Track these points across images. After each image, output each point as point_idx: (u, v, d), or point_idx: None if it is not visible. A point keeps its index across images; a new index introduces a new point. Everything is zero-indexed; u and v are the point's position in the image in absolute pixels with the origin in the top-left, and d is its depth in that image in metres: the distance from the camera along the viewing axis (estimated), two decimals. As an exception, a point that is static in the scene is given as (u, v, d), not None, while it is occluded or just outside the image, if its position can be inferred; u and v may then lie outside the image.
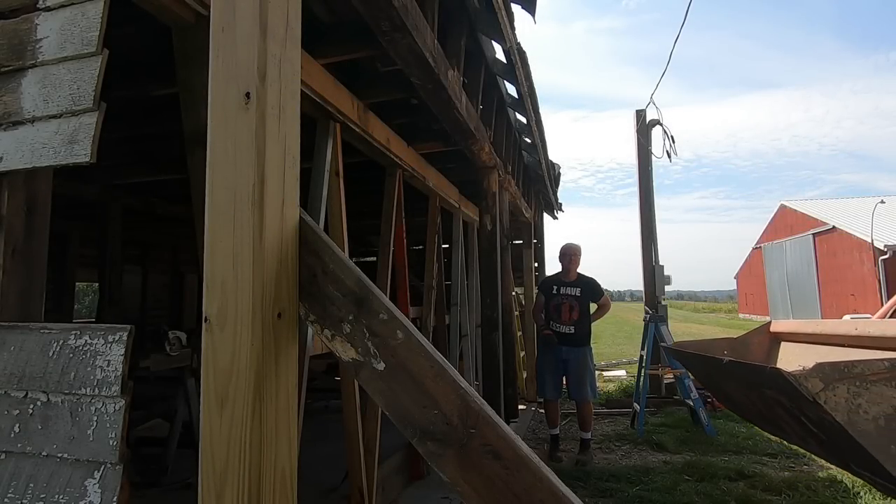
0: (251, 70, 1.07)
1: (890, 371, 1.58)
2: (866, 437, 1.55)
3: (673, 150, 7.28)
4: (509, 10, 3.36)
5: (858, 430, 1.55)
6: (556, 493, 0.97)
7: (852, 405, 1.55)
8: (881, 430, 1.54)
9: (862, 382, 1.57)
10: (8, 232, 1.23)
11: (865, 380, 1.58)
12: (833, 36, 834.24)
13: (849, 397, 1.56)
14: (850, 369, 1.59)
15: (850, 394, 1.56)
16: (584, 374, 4.95)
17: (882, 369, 1.58)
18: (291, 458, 1.07)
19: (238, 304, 1.02)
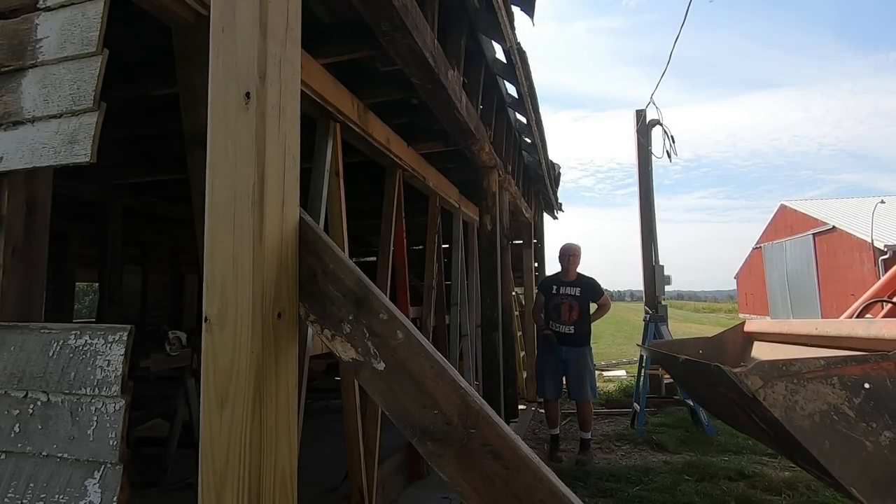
0: (251, 70, 1.07)
1: (825, 369, 1.64)
2: (802, 432, 1.61)
3: (673, 150, 7.28)
4: (509, 11, 3.36)
5: (795, 426, 1.62)
6: (556, 492, 0.97)
7: (790, 402, 1.62)
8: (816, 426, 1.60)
9: (799, 380, 1.64)
10: (8, 232, 1.23)
11: (802, 378, 1.64)
12: (833, 36, 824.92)
13: (786, 394, 1.62)
14: (788, 367, 1.65)
15: (788, 391, 1.63)
16: (584, 375, 4.95)
17: (818, 368, 1.65)
18: (291, 458, 1.07)
19: (238, 304, 1.02)
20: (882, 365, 1.64)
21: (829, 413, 1.62)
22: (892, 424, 1.60)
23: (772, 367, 1.65)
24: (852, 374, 1.64)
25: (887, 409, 1.61)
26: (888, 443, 1.59)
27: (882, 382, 1.63)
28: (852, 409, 1.62)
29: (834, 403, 1.62)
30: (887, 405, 1.62)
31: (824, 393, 1.63)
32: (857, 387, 1.63)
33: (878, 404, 1.62)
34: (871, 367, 1.65)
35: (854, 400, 1.63)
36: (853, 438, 1.59)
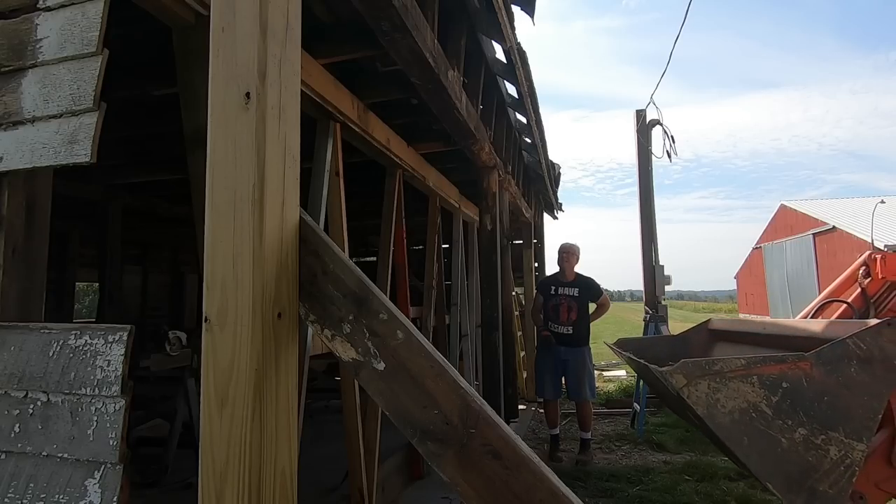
0: (251, 70, 1.07)
1: (746, 368, 1.71)
2: (722, 429, 1.68)
3: (673, 150, 7.28)
4: (509, 11, 3.36)
5: (716, 423, 1.68)
6: (555, 492, 0.97)
7: (711, 400, 1.68)
8: (735, 423, 1.67)
9: (721, 379, 1.70)
10: (8, 232, 1.23)
11: (724, 376, 1.70)
12: (833, 36, 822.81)
13: (709, 392, 1.69)
14: (711, 366, 1.72)
15: (710, 389, 1.69)
16: (583, 375, 4.94)
17: (739, 367, 1.72)
18: (291, 458, 1.07)
19: (238, 304, 1.02)
20: (799, 365, 1.71)
21: (748, 411, 1.68)
22: (806, 422, 1.67)
23: (695, 367, 1.72)
24: (771, 374, 1.71)
25: (802, 408, 1.68)
26: (802, 439, 1.66)
27: (798, 382, 1.70)
28: (770, 407, 1.69)
29: (753, 402, 1.69)
30: (802, 403, 1.69)
31: (744, 391, 1.69)
32: (775, 386, 1.70)
33: (794, 402, 1.69)
34: (788, 367, 1.72)
35: (772, 398, 1.70)
36: (770, 435, 1.66)
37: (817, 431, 1.67)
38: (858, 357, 1.73)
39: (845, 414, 1.69)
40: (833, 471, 1.63)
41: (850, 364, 1.73)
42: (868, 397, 1.70)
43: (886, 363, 1.73)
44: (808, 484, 1.63)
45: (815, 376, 1.72)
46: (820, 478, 1.63)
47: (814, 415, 1.68)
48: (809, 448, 1.66)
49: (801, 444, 1.66)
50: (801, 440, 1.67)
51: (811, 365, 1.73)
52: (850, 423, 1.68)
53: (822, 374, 1.72)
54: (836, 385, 1.72)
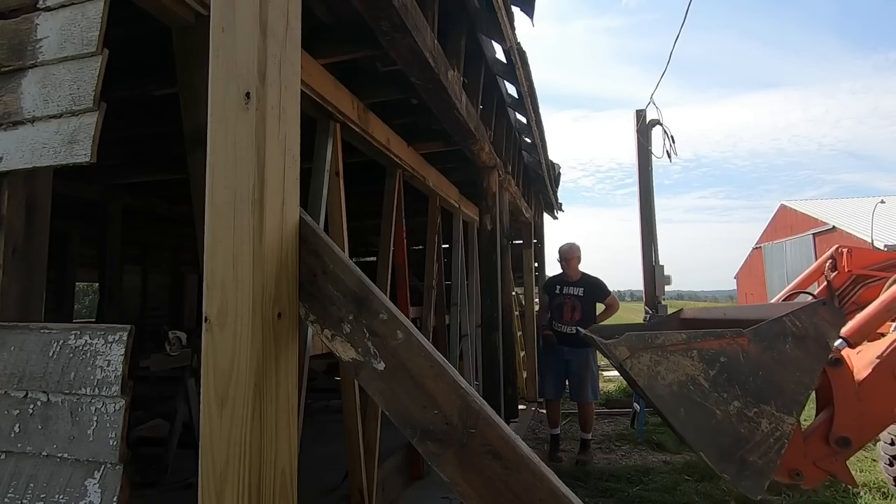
0: (251, 70, 1.07)
1: (686, 343, 1.78)
2: (661, 400, 1.74)
3: (673, 150, 7.27)
4: (509, 11, 3.36)
5: (655, 394, 1.75)
6: (555, 492, 0.97)
7: (653, 372, 1.74)
8: (674, 395, 1.73)
9: (662, 352, 1.76)
10: (8, 232, 1.23)
11: (666, 350, 1.76)
12: (833, 35, 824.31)
13: (651, 365, 1.75)
14: (653, 340, 1.79)
15: (652, 362, 1.75)
16: (586, 376, 4.92)
17: (680, 341, 1.79)
18: (291, 458, 1.07)
19: (238, 304, 1.02)
20: (737, 340, 1.78)
21: (686, 383, 1.74)
22: (740, 395, 1.73)
23: (638, 340, 1.79)
24: (710, 349, 1.78)
25: (738, 382, 1.75)
26: (736, 412, 1.72)
27: (736, 356, 1.77)
28: (707, 380, 1.75)
29: (692, 374, 1.75)
30: (738, 378, 1.75)
31: (684, 365, 1.75)
32: (713, 360, 1.76)
33: (730, 376, 1.75)
34: (727, 343, 1.78)
35: (710, 372, 1.76)
36: (705, 407, 1.72)
37: (751, 404, 1.73)
38: (794, 334, 1.80)
39: (778, 388, 1.76)
40: (763, 442, 1.70)
41: (785, 341, 1.80)
42: (800, 373, 1.78)
43: (819, 341, 1.80)
44: (740, 454, 1.69)
45: (752, 352, 1.78)
46: (751, 449, 1.69)
47: (748, 388, 1.75)
48: (742, 420, 1.72)
49: (734, 416, 1.72)
50: (735, 412, 1.73)
51: (748, 341, 1.79)
52: (782, 397, 1.75)
53: (758, 350, 1.78)
54: (771, 361, 1.78)
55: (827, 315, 1.84)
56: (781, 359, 1.78)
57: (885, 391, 2.03)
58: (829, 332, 1.83)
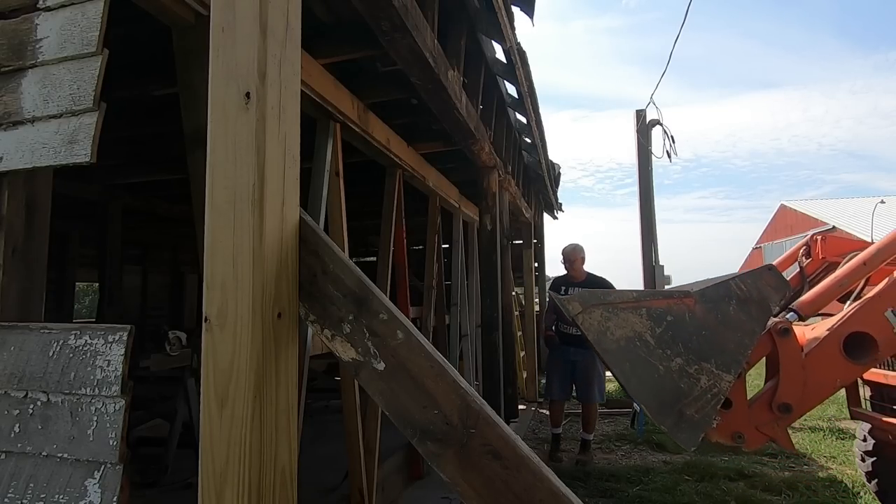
0: (251, 70, 1.07)
1: (636, 301, 1.87)
2: (608, 354, 1.83)
3: (673, 150, 7.27)
4: (509, 11, 3.36)
5: (603, 348, 1.83)
6: (555, 492, 0.97)
7: (602, 327, 1.82)
8: (621, 350, 1.82)
9: (613, 309, 1.84)
10: (8, 232, 1.23)
11: (616, 307, 1.85)
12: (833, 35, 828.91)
13: (601, 320, 1.83)
14: (605, 297, 1.89)
15: (603, 318, 1.83)
16: (592, 376, 4.88)
17: (630, 299, 1.88)
18: (291, 458, 1.07)
19: (238, 304, 1.02)
20: (684, 300, 1.87)
21: (633, 339, 1.83)
22: (683, 353, 1.82)
23: (591, 296, 1.89)
24: (658, 307, 1.86)
25: (682, 340, 1.83)
26: (677, 368, 1.81)
27: (682, 316, 1.85)
28: (653, 337, 1.83)
29: (639, 331, 1.84)
30: (682, 336, 1.84)
31: (632, 322, 1.84)
32: (660, 318, 1.85)
33: (675, 335, 1.84)
34: (674, 302, 1.87)
35: (656, 329, 1.84)
36: (650, 362, 1.81)
37: (692, 362, 1.81)
38: (738, 297, 1.89)
39: (719, 348, 1.84)
40: (701, 398, 1.80)
41: (729, 303, 1.88)
42: (742, 334, 1.86)
43: (762, 304, 1.89)
44: (678, 408, 1.79)
45: (697, 312, 1.87)
46: (689, 403, 1.80)
47: (691, 347, 1.83)
48: (683, 376, 1.81)
49: (676, 372, 1.81)
50: (677, 369, 1.82)
51: (695, 302, 1.88)
52: (723, 356, 1.83)
53: (703, 310, 1.87)
54: (714, 321, 1.87)
55: (771, 280, 1.93)
56: (725, 320, 1.86)
57: (830, 363, 2.12)
58: (771, 297, 1.91)
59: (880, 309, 2.14)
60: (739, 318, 1.87)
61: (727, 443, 2.11)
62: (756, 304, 1.89)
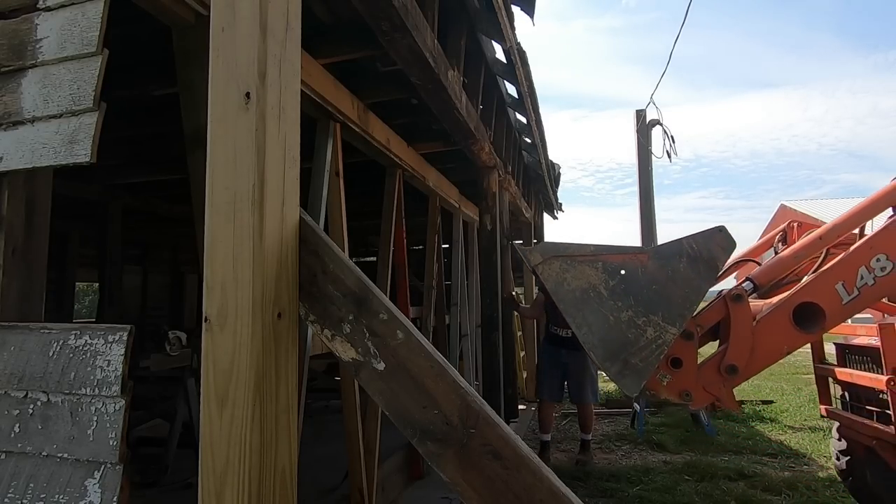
0: (251, 70, 1.07)
1: (593, 255, 1.97)
2: (564, 302, 1.93)
3: (673, 150, 7.29)
4: (509, 11, 3.36)
5: (559, 297, 1.93)
6: (555, 492, 0.97)
7: (560, 277, 1.93)
8: (576, 299, 1.92)
9: (571, 261, 1.94)
10: (8, 232, 1.23)
11: (574, 259, 1.95)
12: (833, 35, 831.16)
13: (559, 271, 1.93)
14: (565, 249, 1.97)
15: (561, 269, 1.94)
16: (584, 378, 4.86)
17: (588, 252, 1.98)
18: (291, 458, 1.07)
19: (238, 304, 1.02)
20: (638, 256, 1.99)
21: (588, 290, 1.93)
22: (633, 305, 1.92)
23: (551, 248, 1.98)
24: (613, 262, 1.97)
25: (633, 293, 1.93)
26: (627, 319, 1.90)
27: (635, 271, 1.96)
28: (607, 289, 1.94)
29: (594, 283, 1.94)
30: (634, 289, 1.94)
31: (588, 274, 1.94)
32: (614, 272, 1.95)
33: (627, 288, 1.94)
34: (629, 258, 1.98)
35: (610, 282, 1.94)
36: (602, 313, 1.91)
37: (640, 314, 1.91)
38: (689, 255, 1.99)
39: (667, 302, 1.94)
40: (646, 347, 1.90)
41: (680, 260, 1.99)
42: (689, 290, 1.97)
43: (710, 263, 2.00)
44: (623, 356, 1.88)
45: (650, 267, 1.97)
46: (634, 352, 1.89)
47: (641, 300, 1.93)
48: (631, 327, 1.91)
49: (625, 323, 1.91)
50: (626, 320, 1.91)
51: (648, 257, 1.99)
52: (669, 309, 1.93)
53: (655, 266, 1.98)
54: (664, 277, 1.97)
55: (721, 241, 2.04)
56: (674, 276, 1.97)
57: (779, 330, 2.21)
58: (720, 256, 2.03)
59: (832, 281, 2.22)
60: (688, 275, 1.97)
61: (675, 400, 2.20)
62: (705, 262, 2.00)
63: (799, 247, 2.47)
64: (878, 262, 2.21)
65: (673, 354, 2.12)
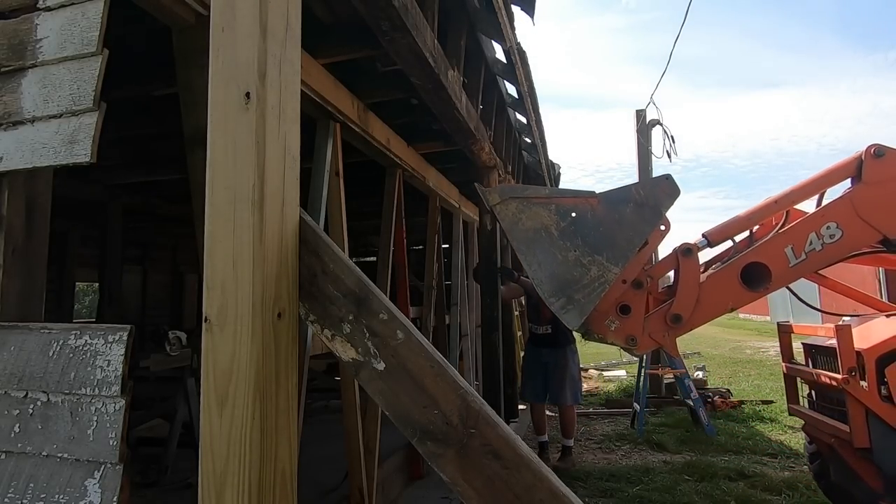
0: (251, 70, 1.07)
1: (547, 198, 2.08)
2: (518, 241, 2.03)
3: (673, 150, 7.29)
4: (509, 11, 3.36)
5: (514, 235, 2.03)
6: (555, 492, 0.97)
7: (516, 218, 2.02)
8: (529, 239, 2.02)
9: (527, 203, 2.04)
10: (8, 232, 1.23)
11: (530, 201, 2.04)
12: (833, 34, 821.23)
13: (515, 212, 2.02)
14: (522, 192, 2.08)
15: (517, 210, 2.02)
16: (564, 378, 4.76)
17: (543, 195, 2.10)
18: (291, 458, 1.07)
19: (238, 304, 1.02)
20: (589, 200, 2.09)
21: (540, 230, 2.03)
22: (580, 245, 2.03)
23: (510, 190, 2.10)
24: (566, 204, 2.07)
25: (582, 235, 2.04)
26: (573, 259, 2.01)
27: (585, 214, 2.07)
28: (557, 230, 2.04)
29: (546, 224, 2.03)
30: (582, 231, 2.05)
31: (542, 215, 2.04)
32: (566, 214, 2.06)
33: (576, 229, 2.05)
34: (580, 201, 2.09)
35: (561, 223, 2.04)
36: (551, 252, 2.01)
37: (587, 254, 2.02)
38: (636, 201, 2.11)
39: (612, 244, 2.05)
40: (589, 285, 2.00)
41: (627, 205, 2.10)
42: (633, 233, 2.08)
43: (655, 208, 2.12)
44: (568, 292, 1.98)
45: (599, 211, 2.07)
46: (578, 289, 1.99)
47: (588, 241, 2.03)
48: (577, 266, 2.01)
49: (572, 262, 2.01)
50: (573, 259, 2.02)
51: (598, 202, 2.09)
52: (613, 251, 2.04)
53: (604, 210, 2.08)
54: (611, 220, 2.07)
55: (666, 188, 2.16)
56: (621, 220, 2.08)
57: (726, 286, 2.33)
58: (664, 202, 2.14)
59: (782, 245, 2.34)
60: (634, 219, 2.09)
61: (621, 344, 2.29)
62: (650, 208, 2.12)
63: (755, 208, 2.56)
64: (828, 230, 2.33)
65: (622, 301, 2.23)
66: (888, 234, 2.31)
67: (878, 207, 2.32)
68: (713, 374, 9.51)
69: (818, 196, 2.53)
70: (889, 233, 2.31)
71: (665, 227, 2.26)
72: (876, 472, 2.86)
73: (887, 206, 2.32)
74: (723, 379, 9.24)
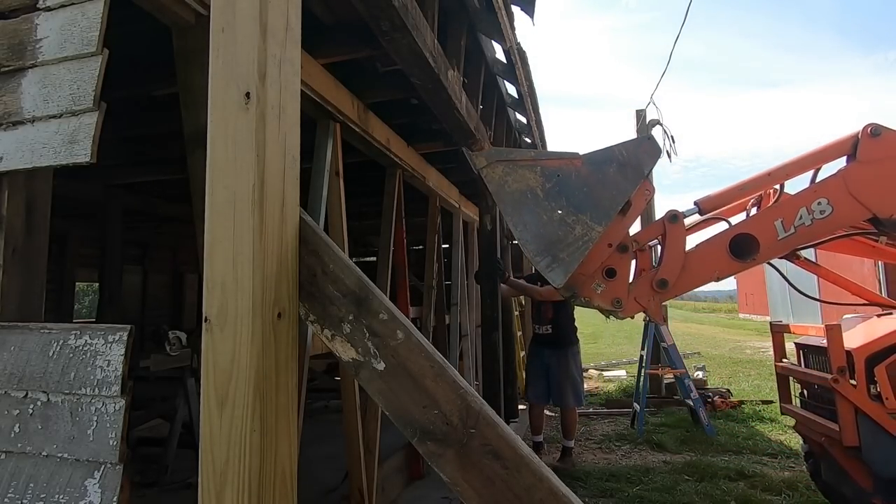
0: (251, 70, 1.07)
1: (533, 160, 2.12)
2: (504, 203, 2.07)
3: (673, 150, 7.29)
4: (509, 11, 3.36)
5: (500, 198, 2.07)
6: (556, 492, 0.97)
7: (503, 180, 2.07)
8: (515, 200, 2.07)
9: (514, 166, 2.08)
10: (8, 232, 1.23)
11: (516, 164, 2.09)
12: (833, 34, 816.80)
13: (502, 175, 2.07)
14: (508, 155, 2.12)
15: (504, 172, 2.07)
16: (565, 379, 4.75)
17: (529, 158, 2.14)
18: (291, 458, 1.07)
19: (238, 304, 1.02)
20: (573, 161, 2.13)
21: (526, 193, 2.07)
22: (565, 206, 2.07)
23: (496, 153, 2.14)
24: (551, 166, 2.11)
25: (566, 195, 2.08)
26: (559, 218, 2.06)
27: (569, 175, 2.11)
28: (543, 191, 2.08)
29: (532, 186, 2.08)
30: (567, 191, 2.09)
31: (528, 177, 2.08)
32: (551, 176, 2.09)
33: (560, 190, 2.09)
34: (565, 163, 2.13)
35: (546, 185, 2.08)
36: (537, 212, 2.06)
37: (571, 213, 2.06)
38: (619, 161, 2.15)
39: (595, 203, 2.09)
40: (574, 244, 2.04)
41: (610, 165, 2.15)
42: (615, 192, 2.12)
43: (637, 168, 2.17)
44: (553, 252, 2.03)
45: (583, 172, 2.12)
46: (562, 248, 2.04)
47: (572, 201, 2.08)
48: (562, 225, 2.06)
49: (556, 221, 2.06)
50: (558, 219, 2.06)
51: (582, 163, 2.14)
52: (597, 210, 2.08)
53: (588, 171, 2.12)
54: (595, 181, 2.12)
55: (648, 148, 2.22)
56: (604, 180, 2.13)
57: (714, 254, 2.38)
58: (646, 162, 2.20)
59: (772, 218, 2.37)
60: (616, 179, 2.14)
61: (606, 307, 2.31)
62: (633, 168, 2.16)
63: (747, 180, 2.59)
64: (819, 206, 2.35)
65: (608, 265, 2.28)
66: (878, 212, 2.33)
67: (870, 186, 2.34)
68: (713, 374, 9.51)
69: (812, 172, 2.55)
70: (879, 211, 2.33)
71: (649, 190, 2.33)
72: (866, 470, 2.89)
73: (879, 184, 2.33)
74: (723, 379, 9.24)
